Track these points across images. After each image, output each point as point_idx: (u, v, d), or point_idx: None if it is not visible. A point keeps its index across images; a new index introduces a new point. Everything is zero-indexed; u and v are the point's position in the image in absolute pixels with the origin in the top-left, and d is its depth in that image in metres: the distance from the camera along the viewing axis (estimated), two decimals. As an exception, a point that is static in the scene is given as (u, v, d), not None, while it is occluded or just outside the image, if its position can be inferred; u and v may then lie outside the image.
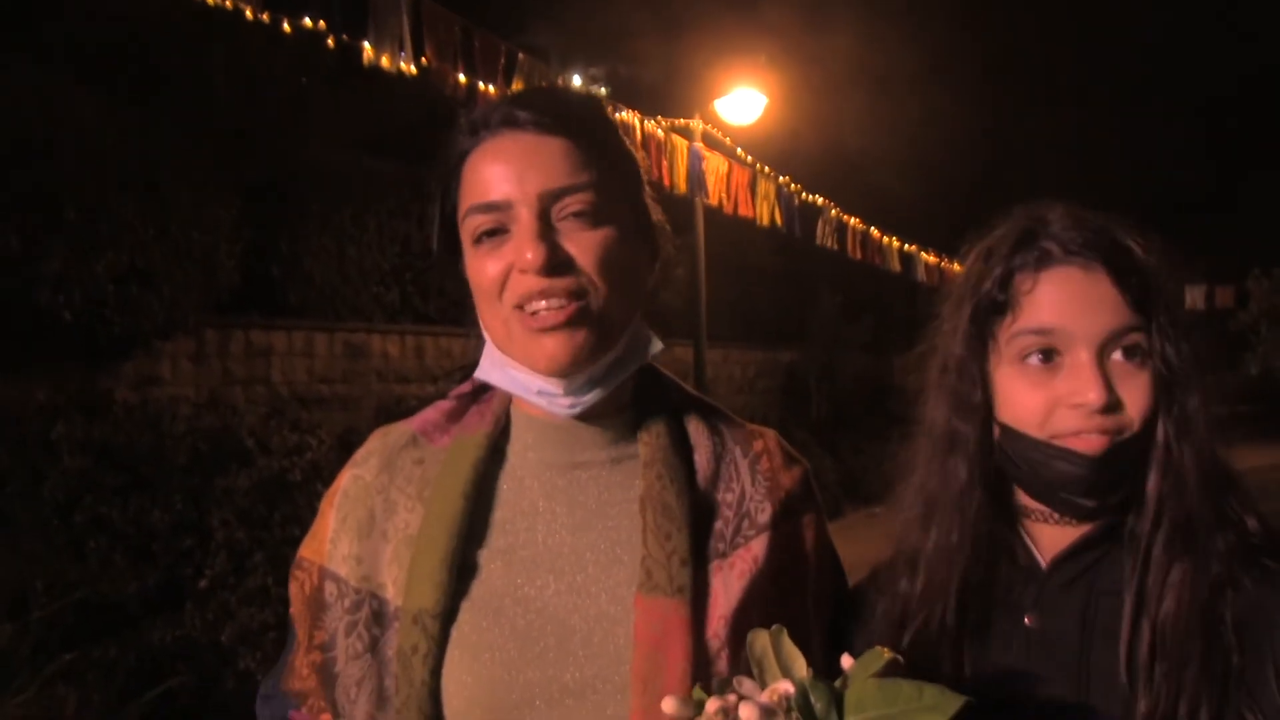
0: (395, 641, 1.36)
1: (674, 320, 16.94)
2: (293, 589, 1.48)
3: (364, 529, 1.43)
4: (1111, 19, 34.67)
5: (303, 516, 6.77)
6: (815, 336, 20.09)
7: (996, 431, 1.43)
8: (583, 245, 1.34)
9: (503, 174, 1.35)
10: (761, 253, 18.78)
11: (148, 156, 8.75)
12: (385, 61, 7.84)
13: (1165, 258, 1.44)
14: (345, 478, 1.49)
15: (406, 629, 1.34)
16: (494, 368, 1.43)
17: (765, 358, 20.61)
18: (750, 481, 1.47)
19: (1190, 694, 1.26)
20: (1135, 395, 1.35)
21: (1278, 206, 29.95)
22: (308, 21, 7.44)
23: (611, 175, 1.40)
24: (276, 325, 10.92)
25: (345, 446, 8.61)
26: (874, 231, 19.50)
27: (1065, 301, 1.37)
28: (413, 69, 8.15)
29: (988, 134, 30.37)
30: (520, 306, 1.34)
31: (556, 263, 1.32)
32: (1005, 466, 1.43)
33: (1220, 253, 30.16)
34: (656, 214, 1.50)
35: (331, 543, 1.45)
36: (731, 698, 1.07)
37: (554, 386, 1.37)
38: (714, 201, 13.66)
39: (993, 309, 1.42)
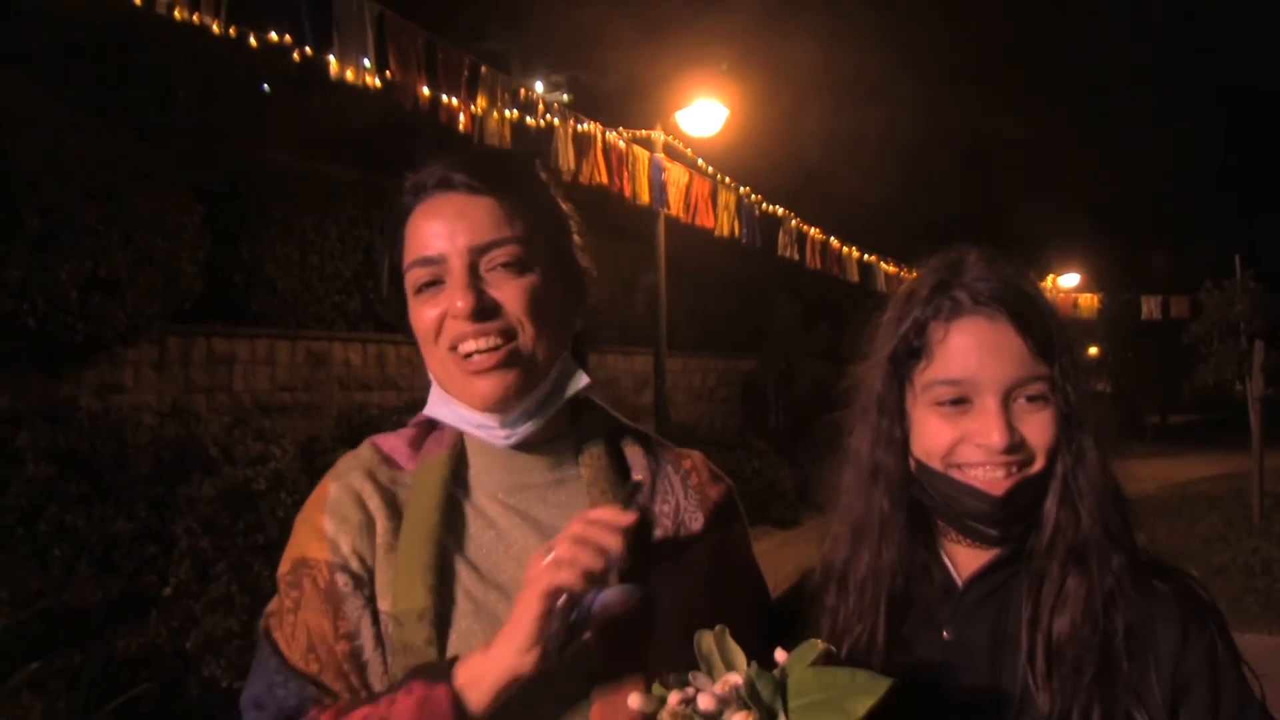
0: (398, 635, 1.48)
1: (635, 329, 17.01)
2: (299, 592, 1.53)
3: (361, 530, 1.55)
4: (1072, 28, 35.04)
5: (266, 525, 6.81)
6: (774, 344, 20.20)
7: (913, 464, 1.58)
8: (509, 292, 1.51)
9: (437, 231, 1.52)
10: (721, 261, 18.87)
11: (109, 163, 8.73)
12: (350, 74, 7.89)
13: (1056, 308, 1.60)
14: (332, 487, 1.60)
15: (414, 626, 1.47)
16: (440, 404, 1.60)
17: (724, 366, 20.71)
18: (683, 494, 1.64)
19: (1084, 697, 1.42)
20: (1038, 433, 1.50)
21: (1235, 218, 30.36)
22: (273, 35, 7.47)
23: (537, 228, 1.56)
24: (239, 333, 10.92)
25: (307, 455, 8.64)
26: (834, 241, 19.65)
27: (974, 351, 1.51)
28: (377, 82, 8.20)
29: (948, 144, 30.61)
30: (454, 348, 1.51)
31: (483, 308, 1.49)
32: (920, 496, 1.58)
33: (1183, 261, 30.55)
34: (585, 260, 1.67)
35: (333, 541, 1.54)
36: (690, 690, 1.19)
37: (491, 420, 1.54)
38: (675, 212, 13.74)
39: (909, 353, 1.56)
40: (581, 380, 1.61)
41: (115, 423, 8.03)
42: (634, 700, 1.21)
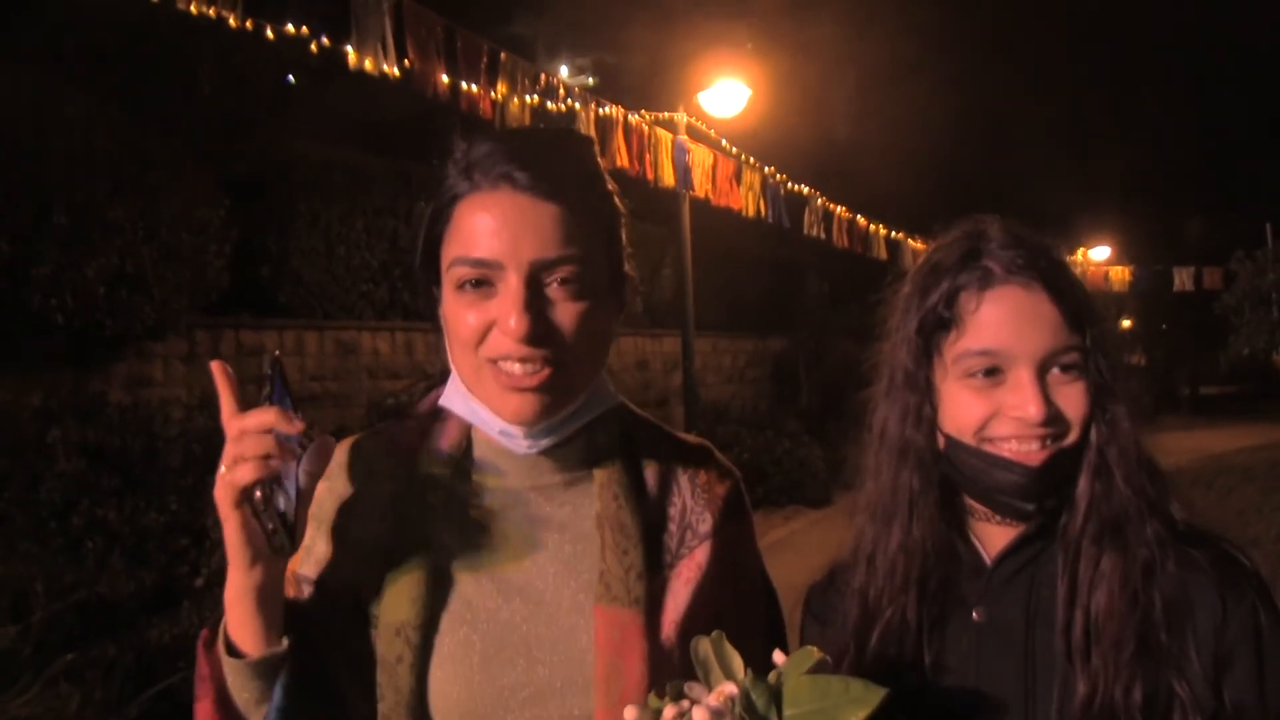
0: (379, 648, 1.44)
1: (663, 311, 17.01)
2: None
3: (338, 534, 1.50)
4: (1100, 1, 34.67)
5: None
6: (803, 324, 20.15)
7: (941, 440, 1.53)
8: (565, 315, 1.40)
9: (495, 231, 1.38)
10: (748, 242, 18.82)
11: (136, 158, 8.79)
12: (369, 64, 7.90)
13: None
14: (320, 489, 1.49)
15: (389, 640, 1.42)
16: (459, 398, 1.50)
17: (754, 347, 20.66)
18: (690, 494, 1.57)
19: (1125, 674, 1.38)
20: (1073, 405, 1.46)
21: (1268, 187, 29.97)
22: (290, 28, 7.49)
23: (597, 237, 1.46)
24: (267, 325, 10.99)
25: (336, 445, 8.68)
26: (860, 220, 19.56)
27: (1008, 322, 1.47)
28: (395, 71, 8.21)
29: (974, 120, 30.36)
30: (494, 361, 1.40)
31: (538, 334, 1.37)
32: (950, 473, 1.53)
33: (1215, 233, 30.18)
34: (630, 267, 1.57)
35: (308, 548, 1.49)
36: (685, 703, 1.18)
37: (515, 430, 1.44)
38: (700, 193, 13.72)
39: (938, 324, 1.52)
40: (612, 400, 1.55)
41: (145, 416, 8.10)
42: (629, 713, 1.19)
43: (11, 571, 6.00)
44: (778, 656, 1.22)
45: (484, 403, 1.45)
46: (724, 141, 14.62)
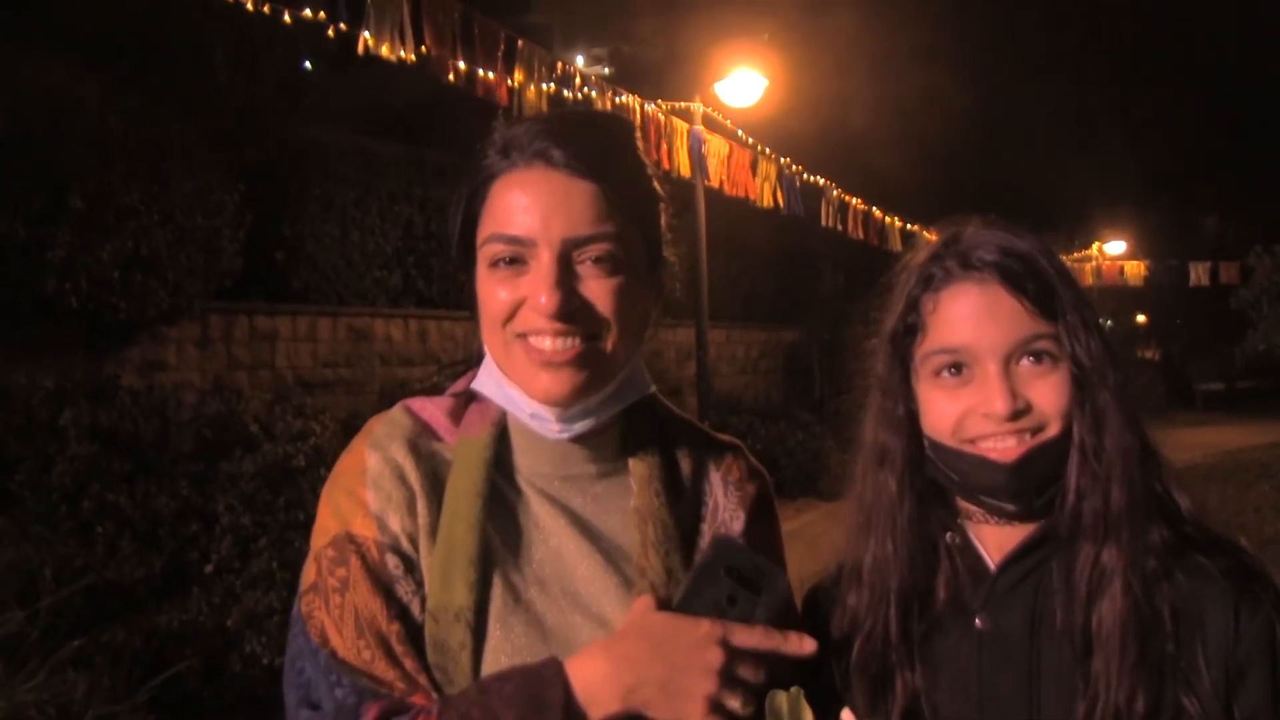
0: (432, 632, 1.39)
1: (678, 302, 16.98)
2: (346, 570, 1.41)
3: (407, 508, 1.44)
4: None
5: (306, 502, 6.84)
6: (817, 315, 20.10)
7: (926, 444, 1.51)
8: (597, 292, 1.40)
9: (529, 209, 1.38)
10: (763, 232, 18.78)
11: (150, 142, 8.78)
12: (385, 50, 7.87)
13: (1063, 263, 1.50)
14: (372, 459, 1.46)
15: (449, 626, 1.37)
16: (491, 381, 1.49)
17: (768, 337, 20.63)
18: (723, 493, 1.55)
19: (1128, 685, 1.33)
20: (1046, 396, 1.42)
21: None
22: (308, 13, 7.47)
23: (633, 219, 1.45)
24: (280, 310, 11.00)
25: (349, 431, 8.67)
26: (876, 211, 19.49)
27: (965, 318, 1.45)
28: (412, 56, 8.19)
29: (990, 112, 30.24)
30: (524, 335, 1.40)
31: (570, 311, 1.37)
32: (937, 476, 1.51)
33: (1233, 228, 30.05)
34: (670, 253, 1.56)
35: (379, 518, 1.43)
36: None
37: (547, 413, 1.43)
38: (715, 184, 13.68)
39: (906, 331, 1.51)
40: (646, 388, 1.55)
41: (157, 401, 8.11)
42: None
43: (21, 555, 6.00)
44: (846, 716, 1.22)
45: (515, 382, 1.44)
46: (740, 132, 14.58)
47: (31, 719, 4.55)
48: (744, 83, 13.95)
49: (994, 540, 1.49)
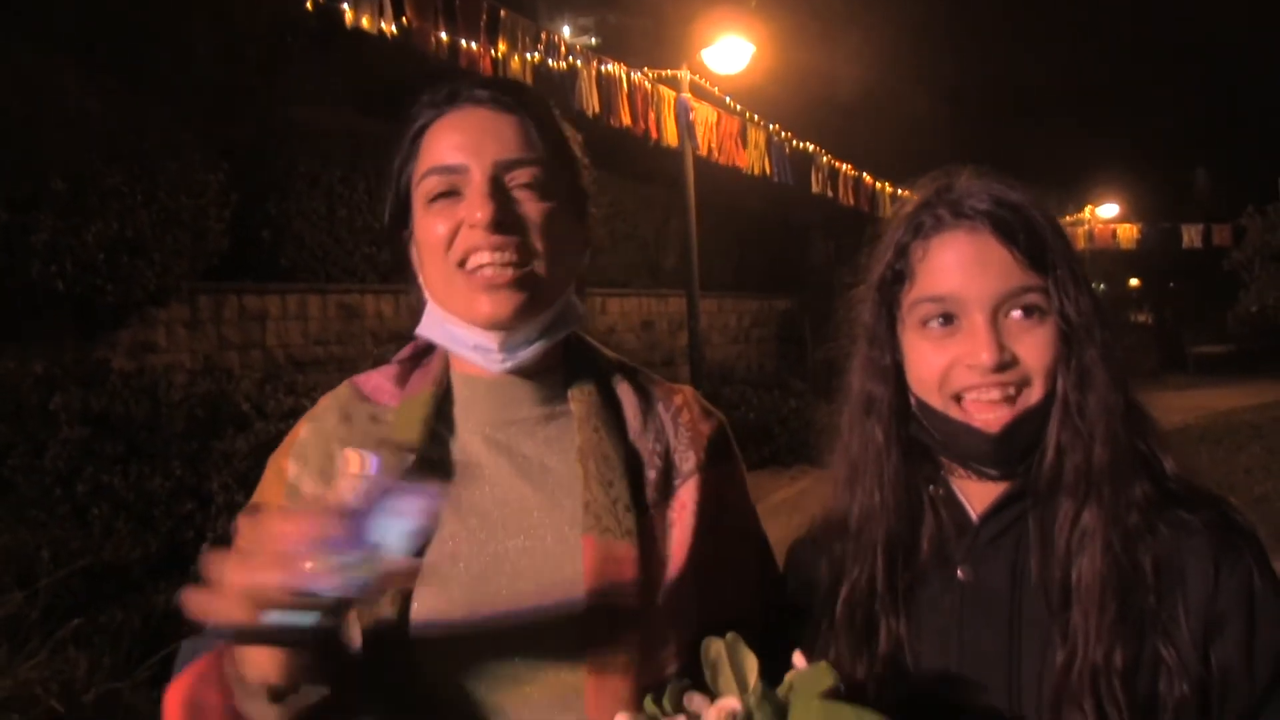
0: None
1: (668, 272, 16.96)
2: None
3: (325, 474, 1.47)
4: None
5: (300, 478, 6.84)
6: (809, 283, 20.10)
7: (913, 401, 1.50)
8: (530, 213, 1.45)
9: (460, 142, 1.46)
10: (753, 201, 18.75)
11: (131, 123, 8.73)
12: (366, 22, 7.82)
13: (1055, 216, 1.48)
14: (303, 429, 1.54)
15: None
16: (434, 324, 1.52)
17: (759, 306, 20.63)
18: (674, 433, 1.56)
19: (1107, 638, 1.32)
20: (1033, 351, 1.40)
21: (1277, 141, 29.79)
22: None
23: (555, 158, 1.51)
24: (269, 289, 10.97)
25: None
26: (866, 177, 19.45)
27: (955, 267, 1.42)
28: (393, 29, 8.13)
29: (981, 76, 30.18)
30: (463, 264, 1.43)
31: (505, 220, 1.42)
32: (920, 435, 1.50)
33: (1223, 189, 30.03)
34: (587, 181, 1.60)
35: (292, 485, 1.48)
36: (681, 718, 1.13)
37: (490, 341, 1.45)
38: (704, 151, 13.64)
39: (894, 279, 1.49)
40: (582, 319, 1.57)
41: (148, 382, 8.09)
42: (621, 719, 1.15)
43: (18, 539, 6.00)
44: (798, 659, 1.17)
45: (457, 315, 1.47)
46: (728, 99, 14.52)
47: (36, 697, 4.56)
48: (731, 49, 13.86)
49: (977, 493, 1.48)
